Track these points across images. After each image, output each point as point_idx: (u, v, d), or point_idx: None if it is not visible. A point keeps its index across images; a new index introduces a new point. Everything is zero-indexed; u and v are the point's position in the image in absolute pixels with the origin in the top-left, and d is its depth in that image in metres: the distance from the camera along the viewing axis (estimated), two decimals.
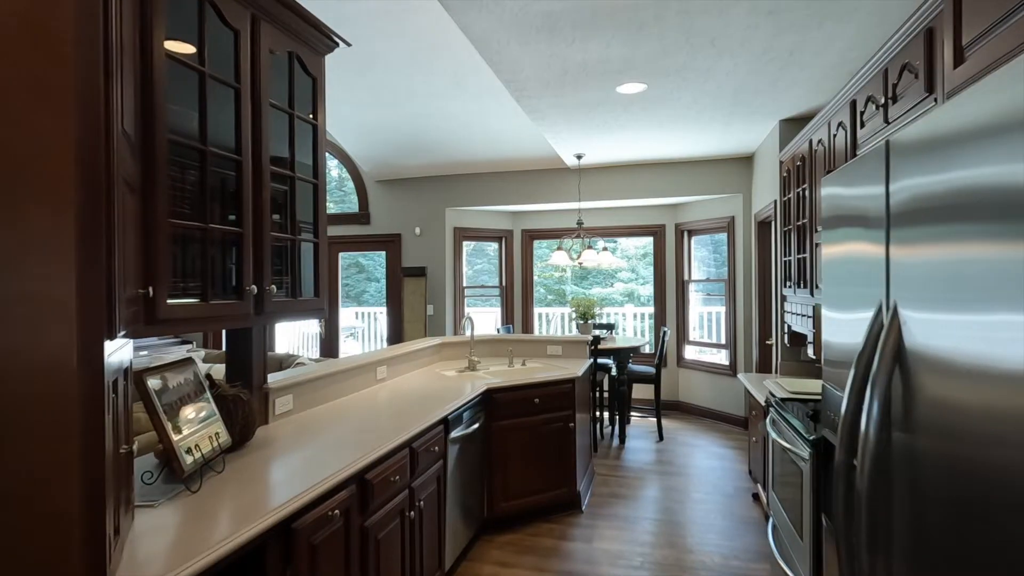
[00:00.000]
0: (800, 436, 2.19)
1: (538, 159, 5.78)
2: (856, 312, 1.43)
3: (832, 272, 1.70)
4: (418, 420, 2.30)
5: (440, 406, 2.57)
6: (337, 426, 2.21)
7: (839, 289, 1.61)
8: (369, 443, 1.96)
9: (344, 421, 2.29)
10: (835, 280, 1.66)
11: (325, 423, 2.26)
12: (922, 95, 1.98)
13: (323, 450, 1.89)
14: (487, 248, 7.58)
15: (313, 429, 2.16)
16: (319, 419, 2.32)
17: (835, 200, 1.66)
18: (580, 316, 5.30)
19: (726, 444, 4.96)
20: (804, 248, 3.61)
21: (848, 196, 1.52)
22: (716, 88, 3.53)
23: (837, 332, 1.61)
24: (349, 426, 2.21)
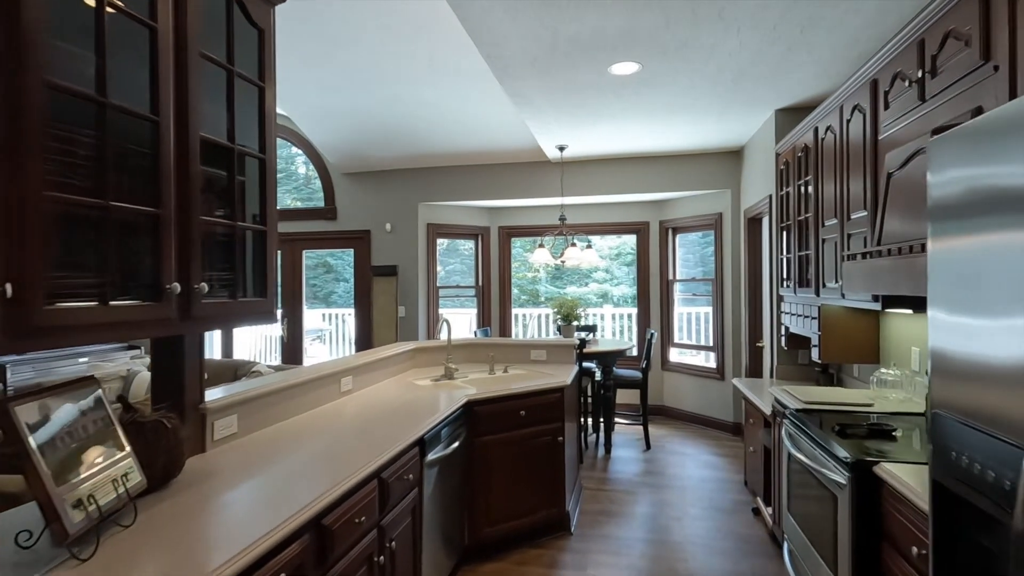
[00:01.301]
0: (834, 457, 1.90)
1: (518, 151, 5.45)
2: (1011, 318, 1.10)
3: (955, 270, 1.32)
4: (389, 443, 1.94)
5: (415, 424, 2.21)
6: (290, 453, 1.83)
7: (969, 292, 1.24)
8: (329, 475, 1.59)
9: (299, 446, 1.91)
10: (959, 280, 1.29)
11: (276, 449, 1.87)
12: (975, 63, 1.72)
13: (270, 486, 1.52)
14: (462, 246, 7.22)
15: (260, 457, 1.78)
16: (269, 444, 1.94)
17: (971, 182, 1.27)
18: (562, 318, 4.99)
19: (717, 452, 4.72)
20: (807, 245, 3.37)
21: (997, 176, 1.15)
22: (716, 71, 3.26)
23: (968, 342, 1.25)
24: (305, 452, 1.83)
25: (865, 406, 2.52)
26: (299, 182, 12.36)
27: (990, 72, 1.66)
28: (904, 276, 1.86)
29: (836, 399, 2.61)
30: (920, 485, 1.52)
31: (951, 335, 1.29)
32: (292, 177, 12.92)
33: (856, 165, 2.61)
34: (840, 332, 3.11)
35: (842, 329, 3.11)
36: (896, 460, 1.73)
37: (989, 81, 1.67)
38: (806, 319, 3.36)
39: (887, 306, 2.40)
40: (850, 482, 1.75)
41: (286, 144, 6.54)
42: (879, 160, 2.40)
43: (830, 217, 2.93)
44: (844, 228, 2.75)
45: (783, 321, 3.85)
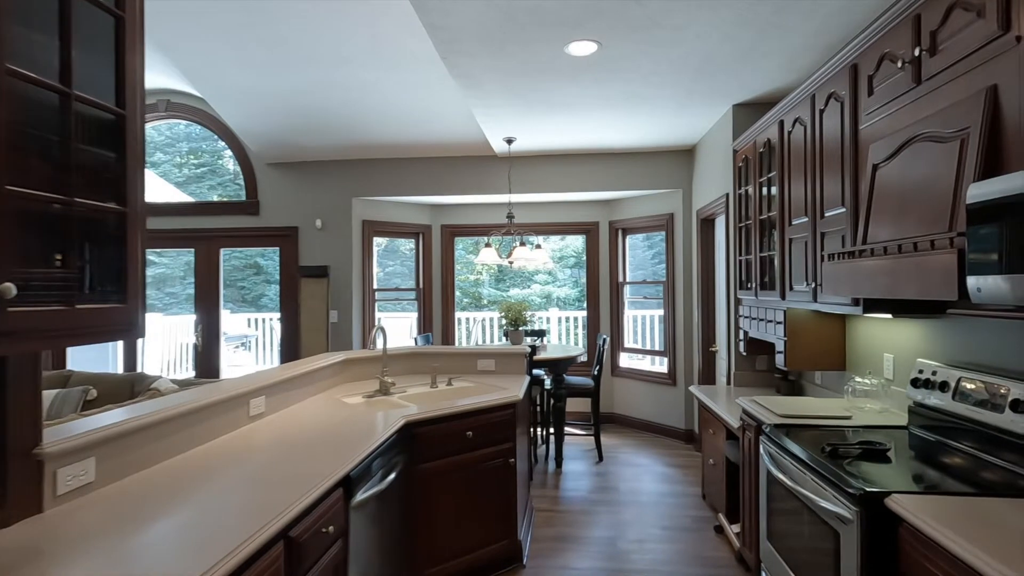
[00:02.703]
0: (834, 486, 1.65)
1: (464, 144, 5.07)
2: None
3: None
4: (302, 488, 1.51)
5: (339, 457, 1.79)
6: (166, 507, 1.37)
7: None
8: (215, 541, 1.16)
9: (177, 498, 1.45)
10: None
11: (146, 503, 1.41)
12: (992, 34, 1.51)
13: (124, 563, 1.07)
14: (402, 246, 6.75)
15: (121, 518, 1.32)
16: (139, 496, 1.47)
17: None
18: (510, 322, 4.65)
19: (671, 463, 4.52)
20: (770, 245, 3.19)
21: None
22: (681, 57, 3.02)
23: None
24: (187, 507, 1.38)
25: (843, 419, 2.32)
26: (226, 178, 11.42)
27: (1011, 44, 1.45)
28: (909, 277, 1.63)
29: (812, 412, 2.40)
30: (947, 523, 1.28)
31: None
32: (218, 172, 11.94)
33: (832, 158, 2.42)
34: (807, 338, 2.94)
35: (809, 335, 2.93)
36: (909, 491, 1.49)
37: (1010, 54, 1.46)
38: (769, 324, 3.18)
39: (867, 310, 2.20)
40: (859, 518, 1.50)
41: (212, 137, 5.85)
42: (860, 152, 2.21)
43: (799, 215, 2.75)
44: (817, 227, 2.56)
45: (742, 325, 3.68)
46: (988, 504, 1.40)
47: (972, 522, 1.29)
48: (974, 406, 1.83)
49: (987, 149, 1.51)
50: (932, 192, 1.68)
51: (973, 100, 1.56)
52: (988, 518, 1.32)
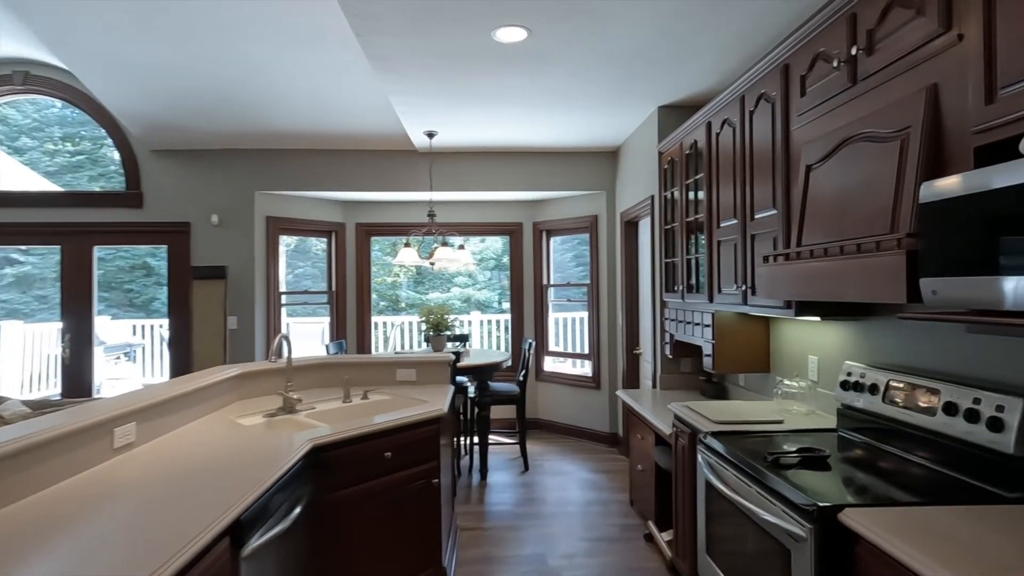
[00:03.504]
0: (784, 500, 1.56)
1: (380, 137, 4.73)
2: None
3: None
4: (168, 548, 1.19)
5: (224, 497, 1.47)
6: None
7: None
8: None
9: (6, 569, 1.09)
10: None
11: None
12: (932, 33, 1.49)
13: None
14: (314, 246, 6.26)
15: None
16: None
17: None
18: (431, 327, 4.38)
19: (597, 468, 4.44)
20: (697, 248, 3.17)
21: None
22: (611, 50, 2.92)
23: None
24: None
25: (775, 423, 2.29)
26: (110, 168, 10.15)
27: (952, 42, 1.43)
28: (854, 280, 1.58)
29: (745, 417, 2.35)
30: (906, 538, 1.21)
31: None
32: (100, 162, 10.58)
33: (762, 160, 2.40)
34: (734, 340, 2.93)
35: (736, 337, 2.93)
36: (860, 504, 1.43)
37: (951, 53, 1.44)
38: (696, 326, 3.16)
39: (799, 312, 2.19)
40: (813, 536, 1.41)
41: (92, 122, 5.08)
42: (792, 153, 2.19)
43: (728, 217, 2.72)
44: (747, 229, 2.54)
45: (667, 328, 3.66)
46: (937, 515, 1.36)
47: (930, 536, 1.23)
48: (905, 409, 1.83)
49: (929, 149, 1.48)
50: (871, 193, 1.64)
51: (913, 99, 1.54)
52: (943, 531, 1.26)
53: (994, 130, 1.30)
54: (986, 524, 1.30)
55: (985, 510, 1.38)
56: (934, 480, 1.60)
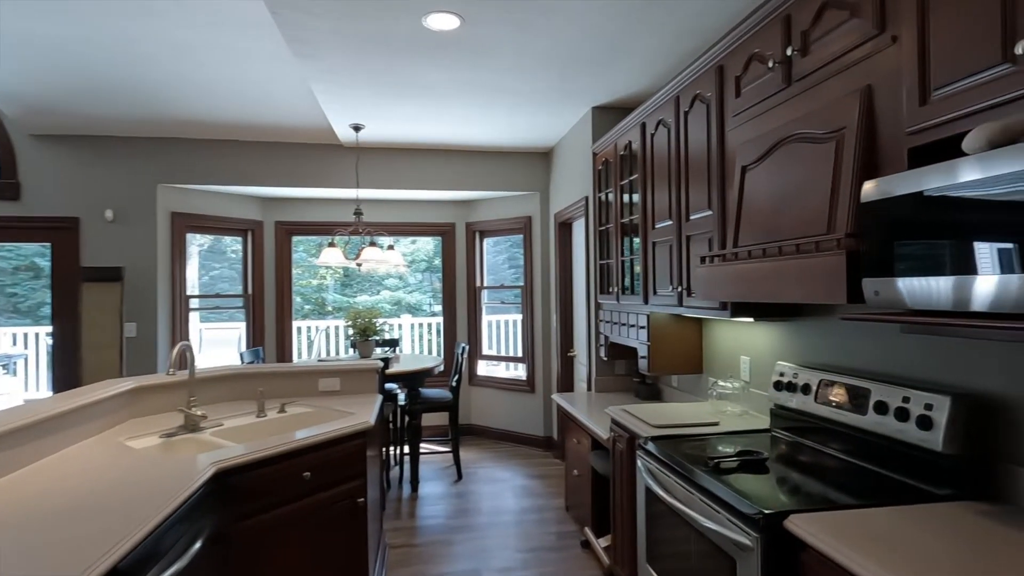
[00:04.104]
0: (729, 508, 1.51)
1: (302, 129, 4.42)
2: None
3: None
4: None
5: (102, 538, 1.22)
6: None
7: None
8: None
9: None
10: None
11: None
12: (867, 34, 1.50)
13: None
14: (230, 248, 5.82)
15: None
16: None
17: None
18: (358, 332, 4.13)
19: (532, 474, 4.36)
20: (631, 249, 3.16)
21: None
22: (546, 45, 2.83)
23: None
24: None
25: (712, 425, 2.28)
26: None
27: (887, 43, 1.44)
28: (793, 281, 1.56)
29: (683, 419, 2.33)
30: (853, 544, 1.18)
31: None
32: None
33: (698, 161, 2.39)
34: (668, 342, 2.93)
35: (670, 339, 2.93)
36: (803, 509, 1.40)
37: (885, 55, 1.45)
38: (631, 328, 3.14)
39: (735, 314, 2.19)
40: (759, 544, 1.36)
41: None
42: (727, 154, 2.19)
43: (663, 219, 2.71)
44: (682, 230, 2.53)
45: (602, 330, 3.64)
46: (877, 516, 1.35)
47: (872, 540, 1.21)
48: (837, 408, 1.85)
49: (864, 150, 1.49)
50: (807, 194, 1.64)
51: (849, 100, 1.54)
52: (884, 533, 1.25)
53: (928, 131, 1.31)
54: (921, 524, 1.31)
55: (920, 510, 1.39)
56: (870, 480, 1.61)
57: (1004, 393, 1.46)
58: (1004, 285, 1.01)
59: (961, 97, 1.21)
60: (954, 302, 1.11)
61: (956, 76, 1.22)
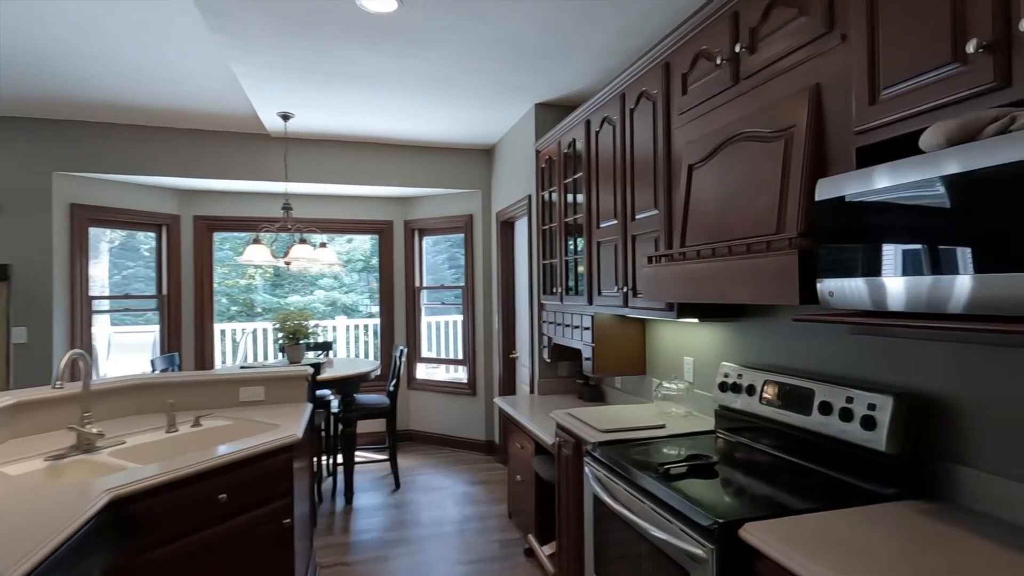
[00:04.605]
0: (682, 518, 1.45)
1: (225, 116, 4.08)
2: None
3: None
4: None
5: None
6: None
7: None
8: None
9: None
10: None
11: None
12: (816, 32, 1.48)
13: None
14: (144, 244, 5.33)
15: None
16: None
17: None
18: (287, 336, 3.86)
19: (474, 480, 4.23)
20: (576, 249, 3.10)
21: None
22: (490, 36, 2.72)
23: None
24: None
25: (658, 428, 2.24)
26: None
27: (836, 42, 1.42)
28: (743, 281, 1.53)
29: (629, 422, 2.28)
30: (809, 553, 1.14)
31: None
32: None
33: (643, 159, 2.36)
34: (612, 343, 2.89)
35: (614, 340, 2.89)
36: (757, 516, 1.35)
37: (834, 53, 1.43)
38: (575, 329, 3.08)
39: (681, 314, 2.16)
40: (714, 556, 1.31)
41: None
42: (674, 153, 2.16)
43: (608, 218, 2.66)
44: (628, 229, 2.48)
45: (545, 332, 3.56)
46: (830, 521, 1.33)
47: (826, 545, 1.18)
48: (781, 409, 1.85)
49: (813, 149, 1.47)
50: (756, 193, 1.61)
51: (797, 99, 1.52)
52: (836, 537, 1.22)
53: (876, 130, 1.29)
54: (872, 526, 1.29)
55: (869, 511, 1.39)
56: (818, 481, 1.60)
57: (940, 391, 1.49)
58: (961, 286, 0.99)
59: (911, 96, 1.20)
60: (909, 303, 1.09)
61: (906, 75, 1.21)
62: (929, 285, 1.05)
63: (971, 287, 0.98)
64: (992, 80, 1.05)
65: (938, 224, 1.04)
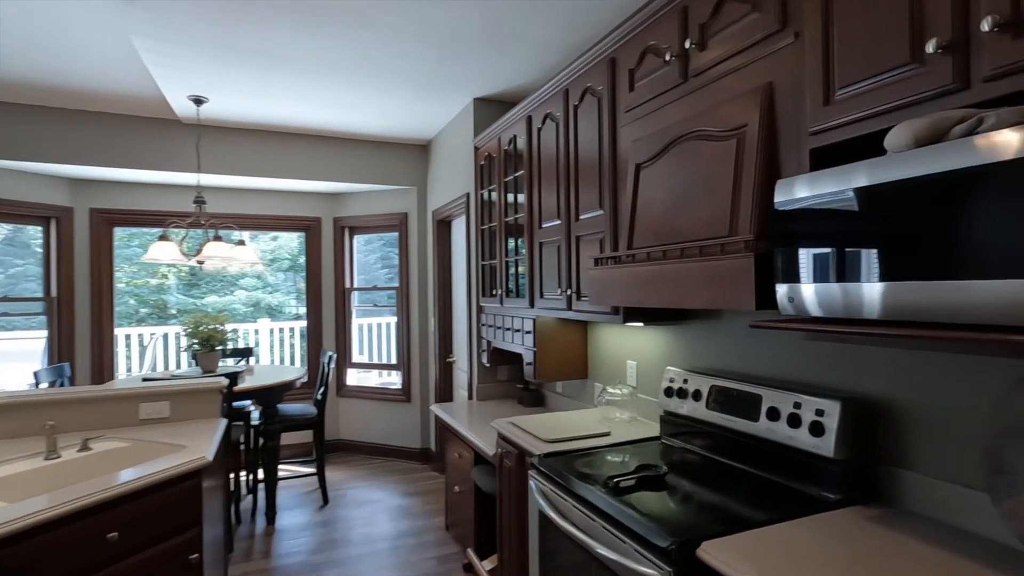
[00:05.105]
0: (636, 538, 1.36)
1: (129, 97, 3.65)
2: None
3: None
4: None
5: None
6: None
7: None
8: None
9: None
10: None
11: None
12: (768, 29, 1.44)
13: None
14: (34, 240, 4.73)
15: None
16: None
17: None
18: (201, 342, 3.50)
19: (408, 491, 4.03)
20: (518, 250, 2.99)
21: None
22: (429, 18, 2.55)
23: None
24: None
25: (603, 435, 2.17)
26: None
27: (789, 40, 1.38)
28: (698, 286, 1.46)
29: (573, 431, 2.19)
30: (765, 568, 1.08)
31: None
32: None
33: (588, 158, 2.28)
34: (555, 347, 2.80)
35: (556, 344, 2.80)
36: (714, 534, 1.29)
37: (787, 51, 1.39)
38: (516, 332, 2.98)
39: (628, 319, 2.09)
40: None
41: None
42: (620, 151, 2.09)
43: (551, 218, 2.57)
44: (571, 230, 2.40)
45: (484, 335, 3.44)
46: (787, 532, 1.28)
47: (785, 560, 1.13)
48: (728, 415, 1.82)
49: (766, 149, 1.43)
50: (707, 194, 1.56)
51: (749, 98, 1.48)
52: (794, 551, 1.18)
53: (831, 131, 1.26)
54: (826, 536, 1.26)
55: (821, 520, 1.36)
56: (770, 490, 1.56)
57: (883, 395, 1.49)
58: (936, 291, 0.95)
59: (867, 97, 1.17)
60: (879, 310, 1.05)
61: (862, 75, 1.18)
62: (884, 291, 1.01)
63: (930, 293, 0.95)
64: (951, 81, 1.03)
65: (898, 230, 1.00)
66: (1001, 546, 1.21)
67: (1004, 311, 0.86)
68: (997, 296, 0.86)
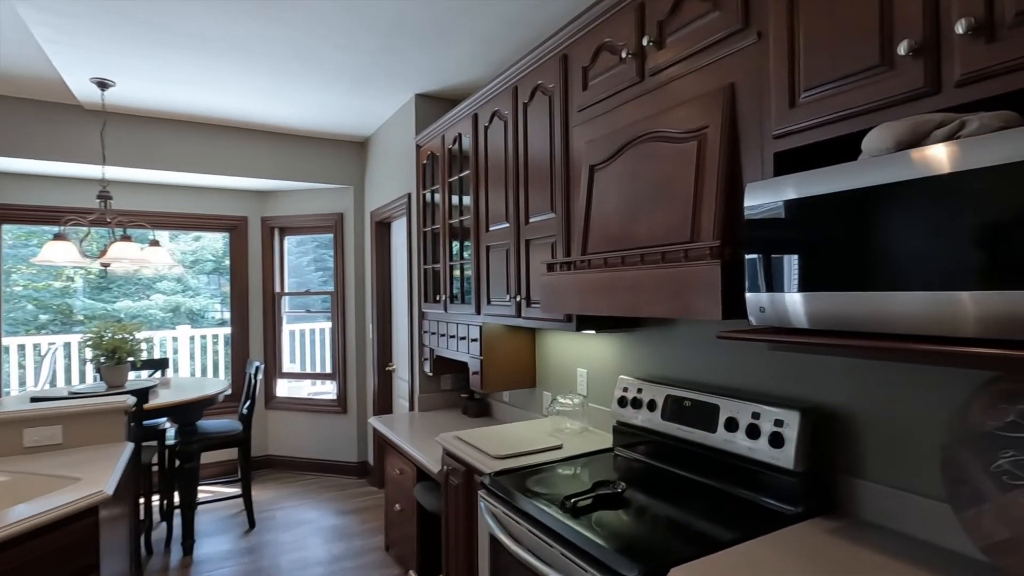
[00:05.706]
0: (598, 564, 1.27)
1: (18, 77, 3.21)
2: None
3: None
4: None
5: None
6: None
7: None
8: None
9: None
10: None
11: None
12: (730, 28, 1.39)
13: None
14: None
15: None
16: None
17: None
18: (107, 354, 3.12)
19: (345, 508, 3.79)
20: (463, 253, 2.85)
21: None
22: (374, 8, 2.37)
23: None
24: None
25: (555, 449, 2.07)
26: None
27: (752, 40, 1.34)
28: (660, 294, 1.39)
29: (523, 445, 2.08)
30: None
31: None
32: None
33: (539, 158, 2.18)
34: (502, 355, 2.69)
35: (504, 352, 2.69)
36: (683, 559, 1.21)
37: (750, 51, 1.35)
38: (461, 340, 2.84)
39: (581, 326, 2.01)
40: None
41: None
42: (573, 152, 2.00)
43: (499, 220, 2.46)
44: (521, 233, 2.29)
45: (427, 343, 3.27)
46: (754, 552, 1.23)
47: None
48: (684, 425, 1.77)
49: (729, 152, 1.38)
50: (667, 197, 1.49)
51: (710, 99, 1.42)
52: (764, 570, 1.12)
53: (796, 135, 1.22)
54: (791, 551, 1.22)
55: (784, 536, 1.31)
56: (730, 504, 1.51)
57: (839, 404, 1.48)
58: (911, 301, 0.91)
59: (834, 100, 1.13)
60: (859, 321, 1.00)
61: (829, 78, 1.14)
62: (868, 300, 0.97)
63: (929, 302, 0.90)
64: (922, 85, 1.00)
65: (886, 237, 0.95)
66: (960, 556, 1.21)
67: (921, 321, 0.82)
68: (920, 307, 0.82)
